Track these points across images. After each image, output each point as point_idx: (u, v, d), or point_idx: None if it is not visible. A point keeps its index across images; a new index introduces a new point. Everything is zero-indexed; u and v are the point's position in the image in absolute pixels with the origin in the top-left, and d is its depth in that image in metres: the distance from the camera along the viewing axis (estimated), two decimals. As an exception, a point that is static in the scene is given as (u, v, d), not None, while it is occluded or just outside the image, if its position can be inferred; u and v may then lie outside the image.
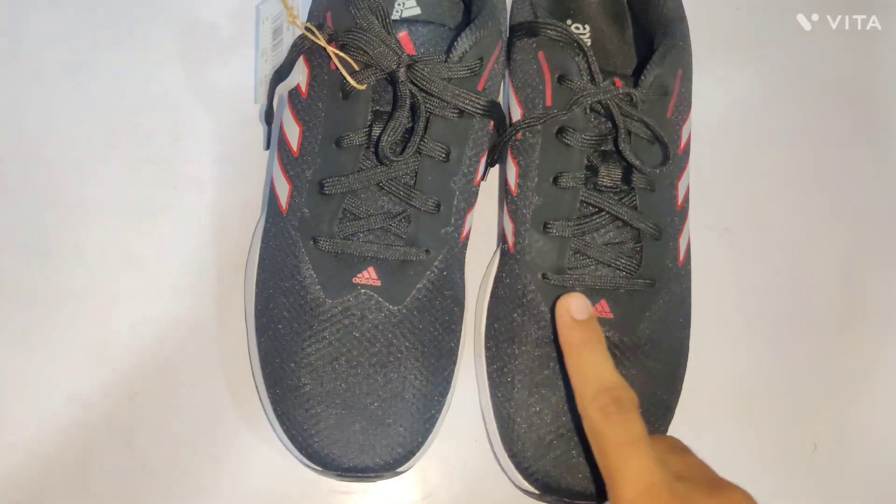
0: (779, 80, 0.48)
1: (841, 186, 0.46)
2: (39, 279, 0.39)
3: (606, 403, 0.30)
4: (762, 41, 0.48)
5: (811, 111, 0.47)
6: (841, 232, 0.45)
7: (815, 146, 0.46)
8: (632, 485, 0.28)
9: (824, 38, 0.49)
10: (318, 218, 0.34)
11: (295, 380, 0.34)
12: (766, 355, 0.42)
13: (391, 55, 0.33)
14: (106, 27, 0.44)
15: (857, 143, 0.47)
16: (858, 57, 0.49)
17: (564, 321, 0.33)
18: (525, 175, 0.36)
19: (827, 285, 0.43)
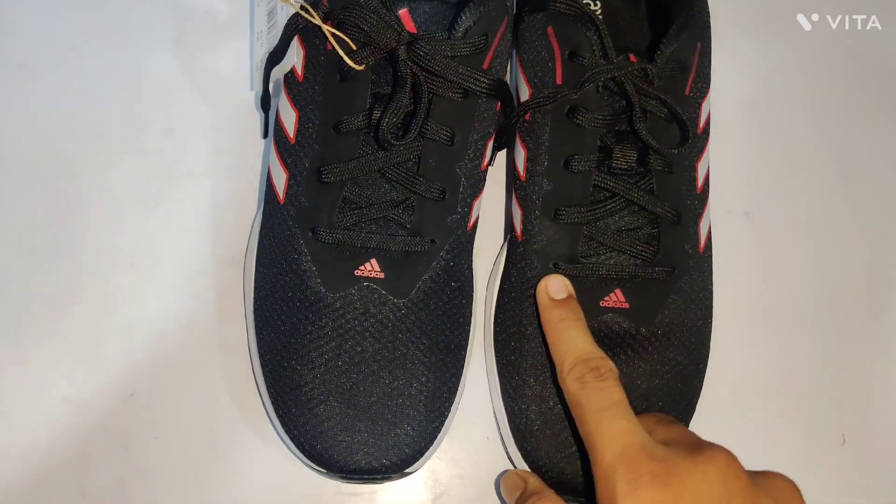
0: (803, 58, 0.46)
1: (866, 169, 0.44)
2: (32, 278, 0.38)
3: (584, 373, 0.30)
4: (784, 18, 0.46)
5: (834, 90, 0.45)
6: (867, 216, 0.43)
7: (839, 126, 0.44)
8: (610, 448, 0.28)
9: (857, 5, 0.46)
10: (316, 208, 0.33)
11: (296, 378, 0.33)
12: (791, 346, 0.40)
13: (391, 33, 0.31)
14: (94, 15, 0.42)
15: (882, 124, 0.45)
16: (883, 39, 0.47)
17: (544, 301, 0.33)
18: (534, 159, 0.34)
19: (853, 271, 0.41)
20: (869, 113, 0.45)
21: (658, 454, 0.27)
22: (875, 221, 0.43)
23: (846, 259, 0.42)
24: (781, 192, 0.43)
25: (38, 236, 0.38)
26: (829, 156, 0.44)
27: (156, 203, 0.39)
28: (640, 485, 0.27)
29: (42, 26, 0.42)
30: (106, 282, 0.38)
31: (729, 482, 0.27)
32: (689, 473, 0.27)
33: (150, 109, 0.41)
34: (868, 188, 0.43)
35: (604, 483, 0.28)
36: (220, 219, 0.39)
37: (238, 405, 0.36)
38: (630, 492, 0.27)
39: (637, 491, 0.26)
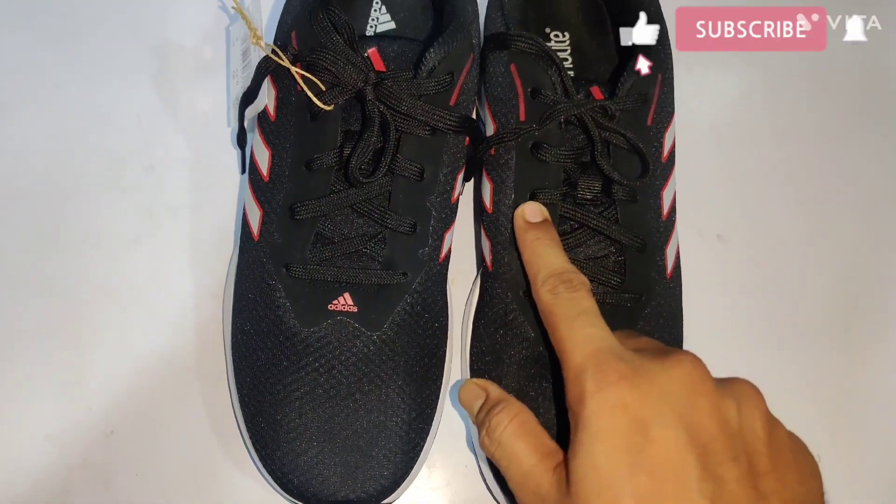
0: (768, 81, 0.47)
1: (835, 189, 0.44)
2: (10, 314, 0.38)
3: (556, 285, 0.31)
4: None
5: (802, 112, 0.46)
6: (836, 235, 0.44)
7: (807, 148, 0.45)
8: (580, 350, 0.28)
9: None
10: (290, 244, 0.33)
11: (272, 413, 0.33)
12: (764, 366, 0.40)
13: (357, 73, 0.32)
14: (74, 52, 0.43)
15: (850, 144, 0.46)
16: (851, 56, 0.48)
17: (520, 224, 0.34)
18: (500, 192, 0.35)
19: (824, 290, 0.42)
20: (832, 135, 0.46)
21: (627, 357, 0.28)
22: (843, 239, 0.43)
23: (816, 277, 0.42)
24: (752, 213, 0.44)
25: (18, 272, 0.39)
26: (796, 177, 0.44)
27: (136, 238, 0.40)
28: (608, 383, 0.27)
29: (24, 63, 0.43)
30: (86, 318, 0.38)
31: (695, 384, 0.27)
32: (656, 374, 0.27)
33: (131, 146, 0.42)
34: (835, 207, 0.44)
35: (573, 384, 0.28)
36: (200, 254, 0.40)
37: (218, 439, 0.37)
38: (598, 390, 0.27)
39: (605, 389, 0.27)
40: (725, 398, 0.27)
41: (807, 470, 0.29)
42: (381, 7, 0.41)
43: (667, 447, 0.26)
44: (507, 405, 0.30)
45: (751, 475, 0.26)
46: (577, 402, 0.27)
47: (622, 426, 0.26)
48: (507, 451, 0.29)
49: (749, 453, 0.27)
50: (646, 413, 0.26)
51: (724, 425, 0.27)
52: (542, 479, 0.28)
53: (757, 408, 0.28)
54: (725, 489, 0.26)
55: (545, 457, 0.29)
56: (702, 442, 0.26)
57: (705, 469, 0.26)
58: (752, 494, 0.26)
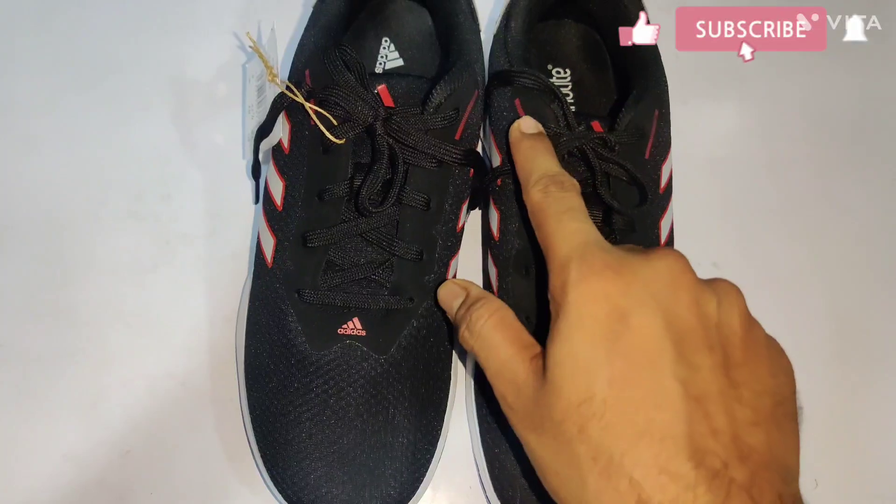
0: (765, 115, 0.48)
1: (826, 220, 0.46)
2: (32, 338, 0.39)
3: (548, 185, 0.32)
4: (744, 75, 0.49)
5: (794, 145, 0.48)
6: (828, 264, 0.45)
7: (800, 180, 0.47)
8: (566, 243, 0.29)
9: (810, 64, 0.49)
10: (302, 271, 0.35)
11: (283, 433, 0.34)
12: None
13: (368, 109, 0.33)
14: (95, 88, 0.45)
15: (842, 177, 0.47)
16: (842, 89, 0.49)
17: (516, 136, 0.35)
18: (506, 220, 0.36)
19: (818, 317, 0.43)
20: (824, 166, 0.47)
21: (612, 250, 0.28)
22: (836, 268, 0.45)
23: (811, 305, 0.43)
24: (746, 242, 0.45)
25: (38, 298, 0.40)
26: (788, 208, 0.46)
27: (152, 265, 0.42)
28: (592, 272, 0.27)
29: (46, 100, 0.45)
30: (103, 342, 0.40)
31: (677, 276, 0.27)
32: (640, 266, 0.27)
33: (148, 177, 0.43)
34: (827, 237, 0.45)
35: (557, 274, 0.28)
36: (214, 280, 0.41)
37: (230, 459, 0.38)
38: (581, 279, 0.27)
39: (588, 278, 0.27)
40: (706, 293, 0.28)
41: (779, 365, 0.29)
42: (390, 45, 0.43)
43: (644, 334, 0.26)
44: (488, 301, 0.32)
45: (724, 365, 0.27)
46: (560, 291, 0.28)
47: (602, 314, 0.27)
48: (486, 342, 0.30)
49: (724, 345, 0.27)
50: (626, 302, 0.27)
51: (702, 317, 0.27)
52: (519, 368, 0.29)
53: (736, 304, 0.28)
54: (698, 375, 0.26)
55: (523, 348, 0.29)
56: (679, 331, 0.26)
57: (680, 355, 0.26)
58: (725, 382, 0.26)
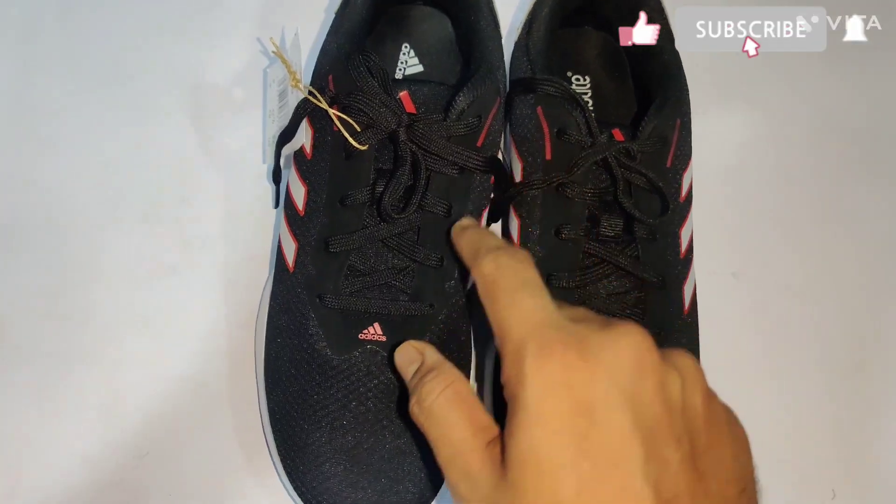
0: (782, 124, 0.49)
1: (846, 227, 0.46)
2: (52, 340, 0.40)
3: (498, 255, 0.29)
4: (764, 86, 0.49)
5: (808, 155, 0.48)
6: (849, 272, 0.45)
7: (819, 188, 0.47)
8: (522, 324, 0.26)
9: (820, 70, 0.49)
10: (323, 275, 0.35)
11: (304, 437, 0.34)
12: (780, 402, 0.41)
13: (391, 115, 0.34)
14: (115, 92, 0.45)
15: (861, 183, 0.47)
16: (850, 103, 0.49)
17: (456, 231, 0.34)
18: (527, 228, 0.36)
19: (838, 327, 0.43)
20: (841, 175, 0.47)
21: (571, 330, 0.26)
22: (855, 277, 0.45)
23: (830, 314, 0.44)
24: (766, 252, 0.45)
25: (58, 301, 0.41)
26: (807, 217, 0.46)
27: (172, 269, 0.42)
28: (552, 359, 0.25)
29: (67, 103, 0.45)
30: (121, 344, 0.40)
31: (642, 358, 0.25)
32: (602, 349, 0.25)
33: (167, 180, 0.44)
34: (845, 246, 0.45)
35: (512, 360, 0.26)
36: (232, 283, 0.42)
37: (248, 462, 0.38)
38: (540, 367, 0.25)
39: (548, 366, 0.25)
40: (670, 373, 0.26)
41: (739, 444, 0.28)
42: (410, 51, 0.43)
43: (612, 432, 0.24)
44: (442, 371, 0.29)
45: (692, 456, 0.25)
46: (516, 380, 0.25)
47: (565, 408, 0.24)
48: (437, 420, 0.28)
49: (690, 432, 0.26)
50: (591, 394, 0.24)
51: (668, 404, 0.25)
52: (474, 456, 0.26)
53: (698, 383, 0.27)
54: (669, 472, 0.24)
55: (479, 430, 0.27)
56: (647, 424, 0.25)
57: (650, 453, 0.24)
58: (693, 477, 0.25)
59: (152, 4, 0.47)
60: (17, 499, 0.37)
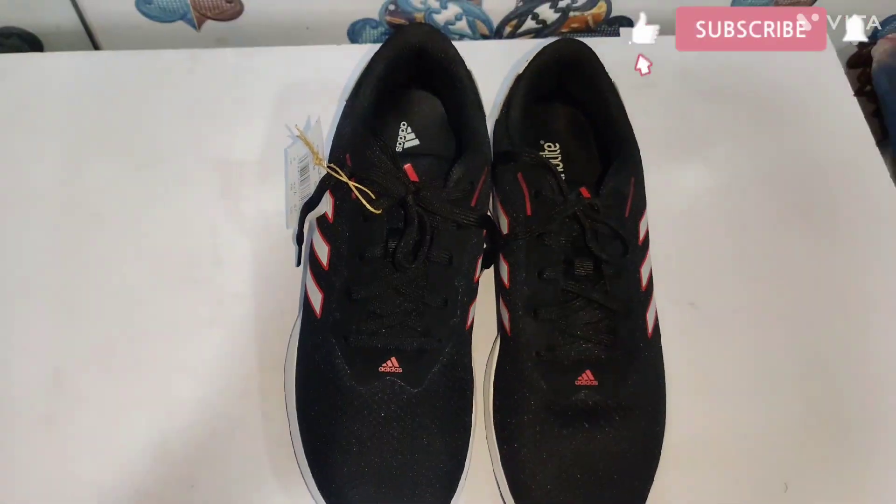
0: (727, 175, 0.57)
1: (785, 260, 0.53)
2: (109, 391, 0.45)
3: None
4: (710, 141, 0.58)
5: (754, 199, 0.56)
6: (790, 298, 0.52)
7: (760, 227, 0.55)
8: None
9: (762, 130, 0.58)
10: (347, 319, 0.42)
11: (334, 459, 0.40)
12: (736, 409, 0.48)
13: (401, 185, 0.41)
14: (153, 169, 0.53)
15: (794, 223, 0.55)
16: (793, 152, 0.58)
17: None
18: (515, 272, 0.44)
19: (783, 344, 0.50)
20: (777, 217, 0.55)
21: None
22: (795, 303, 0.52)
23: (776, 334, 0.50)
24: (719, 284, 0.52)
25: (111, 355, 0.46)
26: (752, 251, 0.53)
27: (209, 322, 0.48)
28: None
29: (112, 184, 0.52)
30: (168, 390, 0.46)
31: None
32: None
33: (202, 245, 0.50)
34: (786, 276, 0.53)
35: None
36: (262, 333, 0.48)
37: (284, 489, 0.43)
38: None
39: None
40: None
41: None
42: (408, 128, 0.51)
43: None
44: None
45: None
46: None
47: None
48: None
49: None
50: None
51: None
52: None
53: None
54: None
55: None
56: None
57: None
58: None
59: (185, 94, 0.55)
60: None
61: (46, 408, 0.45)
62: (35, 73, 0.56)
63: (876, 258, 0.54)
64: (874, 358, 0.50)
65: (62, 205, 0.51)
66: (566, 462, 0.41)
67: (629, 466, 0.41)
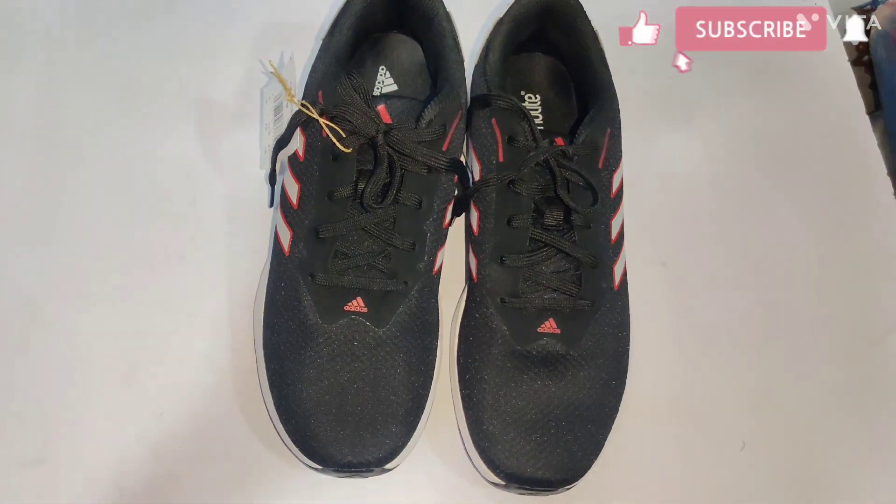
0: (710, 135, 0.56)
1: (765, 224, 0.53)
2: (82, 320, 0.46)
3: None
4: (696, 102, 0.57)
5: (737, 160, 0.56)
6: (766, 263, 0.52)
7: (741, 189, 0.55)
8: None
9: (748, 90, 0.58)
10: (314, 258, 0.42)
11: (298, 392, 0.41)
12: (697, 367, 0.48)
13: (371, 124, 0.41)
14: (131, 107, 0.52)
15: (777, 186, 0.55)
16: (775, 107, 0.58)
17: None
18: (484, 218, 0.44)
19: (747, 306, 0.51)
20: (759, 179, 0.55)
21: None
22: (771, 268, 0.52)
23: (742, 296, 0.51)
24: (689, 245, 0.52)
25: (85, 285, 0.47)
26: (724, 216, 0.53)
27: (182, 258, 0.48)
28: None
29: (88, 117, 0.52)
30: (141, 322, 0.46)
31: None
32: None
33: (177, 183, 0.50)
34: (763, 241, 0.53)
35: None
36: (233, 271, 0.48)
37: (248, 419, 0.44)
38: None
39: None
40: None
41: None
42: (386, 72, 0.51)
43: None
44: None
45: None
46: None
47: None
48: None
49: None
50: None
51: None
52: None
53: None
54: None
55: None
56: None
57: None
58: None
59: (164, 31, 0.55)
60: (48, 452, 0.43)
61: (19, 335, 0.45)
62: (12, 3, 0.56)
63: (853, 227, 0.54)
64: (841, 323, 0.51)
65: (38, 136, 0.51)
66: (525, 407, 0.42)
67: (587, 414, 0.42)
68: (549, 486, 0.41)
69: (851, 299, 0.52)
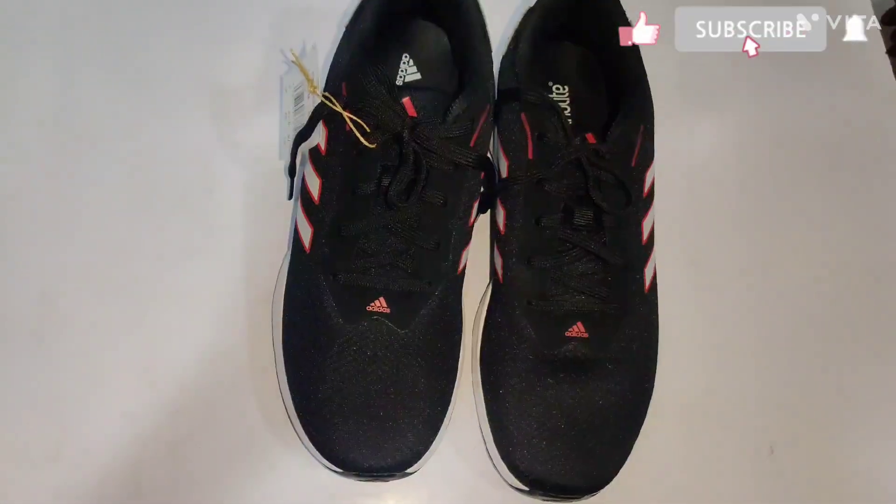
0: (742, 130, 0.54)
1: (787, 226, 0.52)
2: (97, 313, 0.45)
3: None
4: (728, 95, 0.55)
5: (770, 156, 0.54)
6: (798, 264, 0.51)
7: (773, 186, 0.53)
8: None
9: (783, 83, 0.56)
10: (336, 256, 0.41)
11: (319, 394, 0.40)
12: (727, 370, 0.47)
13: (397, 119, 0.39)
14: (148, 95, 0.51)
15: (810, 182, 0.53)
16: (810, 100, 0.56)
17: None
18: (511, 217, 0.42)
19: (778, 307, 0.49)
20: (792, 176, 0.53)
21: None
22: (802, 266, 0.51)
23: (772, 297, 0.49)
24: (724, 244, 0.51)
25: (102, 277, 0.46)
26: (756, 215, 0.52)
27: (198, 251, 0.47)
28: None
29: (104, 106, 0.50)
30: (158, 316, 0.45)
31: None
32: None
33: (194, 174, 0.49)
34: (787, 241, 0.51)
35: None
36: (251, 265, 0.47)
37: (266, 419, 0.43)
38: None
39: None
40: None
41: None
42: (410, 61, 0.49)
43: None
44: None
45: None
46: None
47: None
48: None
49: None
50: None
51: None
52: None
53: None
54: None
55: None
56: None
57: None
58: None
59: (180, 17, 0.53)
60: (64, 450, 0.42)
61: (33, 329, 0.44)
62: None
63: (891, 225, 0.52)
64: (877, 326, 0.49)
65: (53, 125, 0.50)
66: (551, 412, 0.40)
67: (614, 420, 0.41)
68: (575, 493, 0.40)
69: (888, 300, 0.50)
